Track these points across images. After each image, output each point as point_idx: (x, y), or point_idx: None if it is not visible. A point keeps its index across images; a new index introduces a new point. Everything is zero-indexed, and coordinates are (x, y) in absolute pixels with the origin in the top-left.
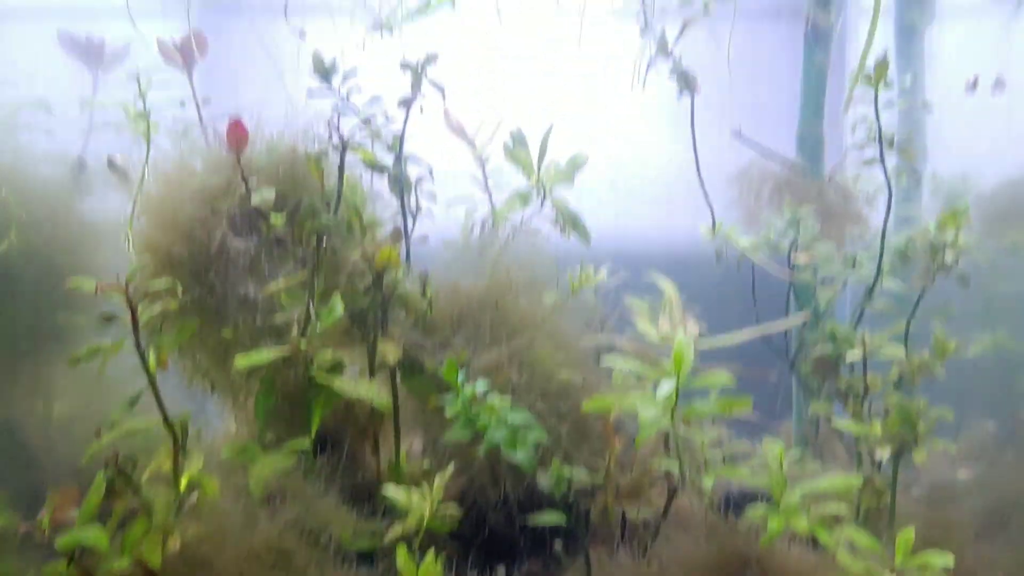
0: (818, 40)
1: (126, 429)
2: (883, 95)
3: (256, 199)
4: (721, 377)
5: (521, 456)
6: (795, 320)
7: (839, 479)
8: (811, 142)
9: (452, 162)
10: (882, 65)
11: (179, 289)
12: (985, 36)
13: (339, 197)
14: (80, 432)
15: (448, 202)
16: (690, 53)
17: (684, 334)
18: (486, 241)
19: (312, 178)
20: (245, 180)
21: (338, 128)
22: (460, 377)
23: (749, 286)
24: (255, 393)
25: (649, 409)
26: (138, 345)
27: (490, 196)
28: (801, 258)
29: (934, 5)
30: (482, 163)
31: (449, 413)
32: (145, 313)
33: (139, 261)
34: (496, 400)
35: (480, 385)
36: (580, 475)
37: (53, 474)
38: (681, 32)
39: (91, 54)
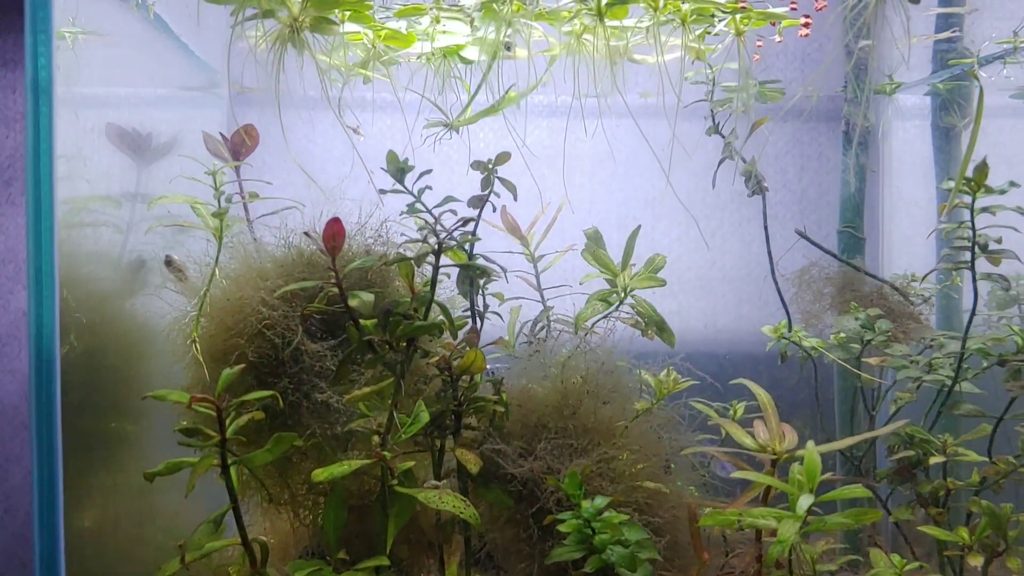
0: (856, 142)
1: (211, 548)
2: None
3: (354, 302)
4: (859, 491)
5: None
6: (897, 426)
7: None
8: (851, 240)
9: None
10: (982, 171)
11: (279, 400)
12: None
13: (431, 300)
14: (117, 542)
15: (505, 302)
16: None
17: (783, 443)
18: (551, 343)
19: (392, 278)
20: (339, 283)
21: (435, 231)
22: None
23: (791, 382)
24: (325, 506)
25: (787, 525)
26: (224, 462)
27: (541, 294)
28: (873, 360)
29: (971, 107)
30: (535, 261)
31: (565, 528)
32: (231, 427)
33: (206, 365)
34: (614, 516)
35: (600, 501)
36: None
37: None
38: (748, 135)
39: (138, 147)
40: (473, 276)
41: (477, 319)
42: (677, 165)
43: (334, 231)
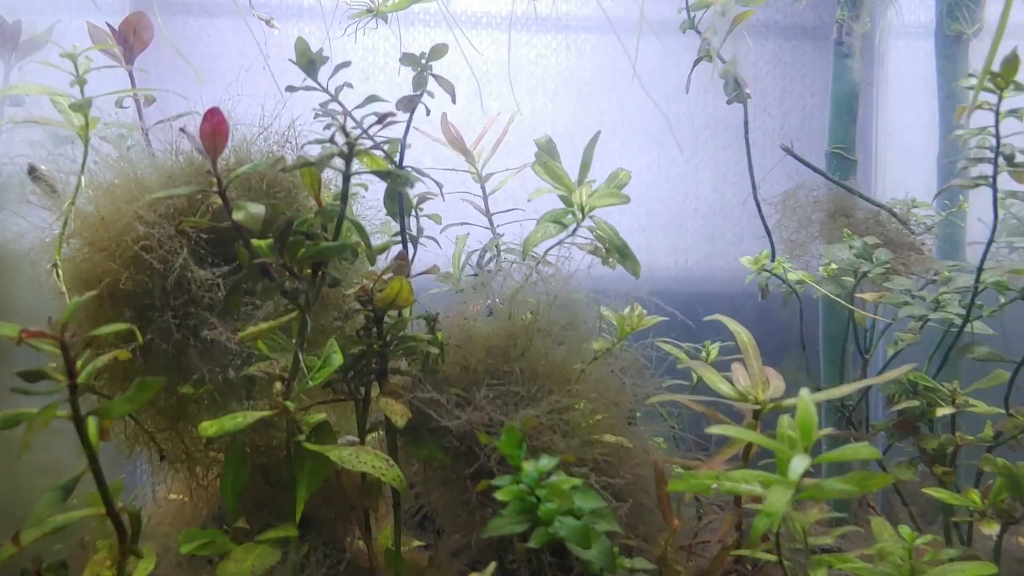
0: (849, 54)
1: (56, 524)
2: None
3: (240, 215)
4: (865, 451)
5: (595, 554)
6: (901, 371)
7: (976, 566)
8: (841, 163)
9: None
10: (1011, 64)
11: (138, 335)
12: None
13: (342, 216)
14: None
15: (447, 228)
16: (705, 72)
17: (767, 391)
18: (501, 275)
19: (301, 191)
20: (223, 191)
21: (344, 129)
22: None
23: (773, 323)
24: (222, 466)
25: (777, 493)
26: (76, 413)
27: (490, 219)
28: (868, 296)
29: (981, 13)
30: (482, 181)
31: (503, 496)
32: (86, 369)
33: (70, 296)
34: (563, 481)
35: (546, 462)
36: (642, 565)
37: None
38: (729, 32)
39: (4, 38)
40: (396, 187)
41: (409, 244)
42: (648, 89)
43: (214, 125)
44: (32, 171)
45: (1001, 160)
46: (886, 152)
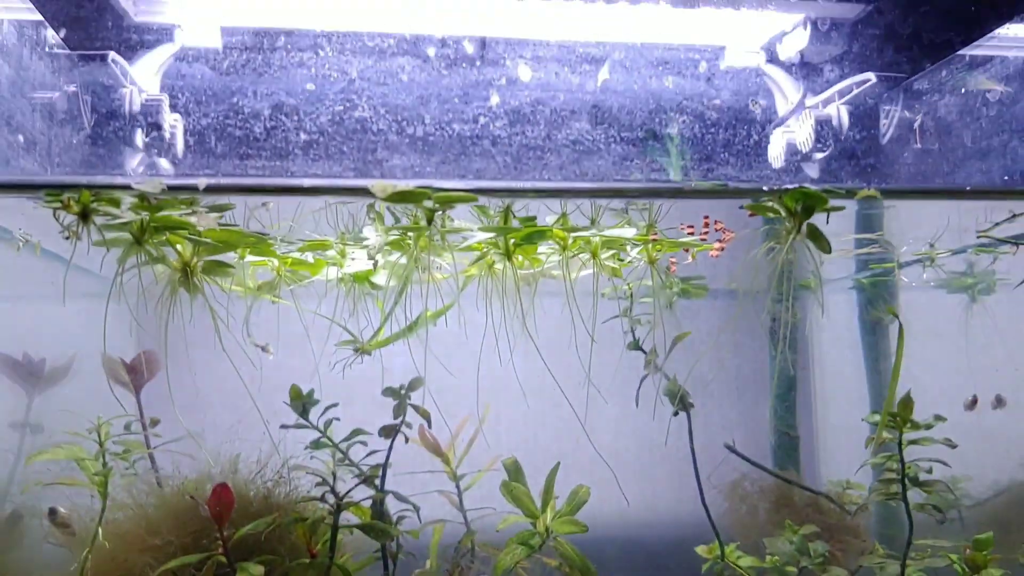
0: (783, 346)
1: None
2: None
3: None
4: None
5: None
6: None
7: None
8: (786, 444)
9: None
10: (907, 406)
11: None
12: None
13: (330, 566)
14: None
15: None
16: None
17: None
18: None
19: (293, 533)
20: (227, 552)
21: (334, 489)
22: None
23: None
24: None
25: None
26: None
27: (465, 518)
28: None
29: (897, 302)
30: (457, 480)
31: None
32: None
33: None
34: None
35: None
36: None
37: None
38: (670, 351)
39: (29, 375)
40: (379, 540)
41: (389, 561)
42: (612, 346)
43: (220, 499)
44: (52, 514)
45: (908, 481)
46: (825, 425)
